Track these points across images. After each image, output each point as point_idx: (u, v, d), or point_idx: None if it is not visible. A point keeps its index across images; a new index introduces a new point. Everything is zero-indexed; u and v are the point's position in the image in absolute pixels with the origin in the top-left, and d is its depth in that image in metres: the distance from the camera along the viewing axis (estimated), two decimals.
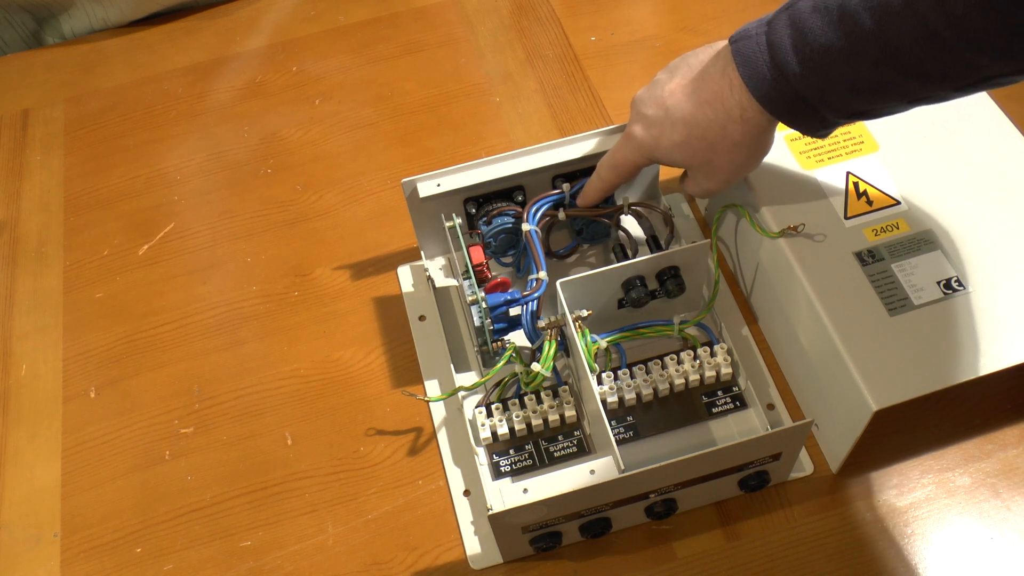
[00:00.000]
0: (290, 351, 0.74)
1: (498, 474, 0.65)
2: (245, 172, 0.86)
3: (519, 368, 0.66)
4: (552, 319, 0.63)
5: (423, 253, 0.74)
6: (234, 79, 0.94)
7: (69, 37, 1.00)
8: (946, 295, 0.62)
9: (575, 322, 0.63)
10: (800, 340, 0.65)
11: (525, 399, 0.66)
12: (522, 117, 0.88)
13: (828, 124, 0.57)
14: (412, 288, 0.76)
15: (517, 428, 0.65)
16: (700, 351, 0.67)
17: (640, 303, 0.67)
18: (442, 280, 0.75)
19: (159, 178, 0.86)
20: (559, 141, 0.70)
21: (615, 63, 0.92)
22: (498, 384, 0.68)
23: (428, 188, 0.69)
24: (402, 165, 0.85)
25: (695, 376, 0.67)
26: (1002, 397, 0.67)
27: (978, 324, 0.60)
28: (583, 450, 0.66)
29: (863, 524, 0.63)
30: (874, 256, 0.64)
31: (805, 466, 0.65)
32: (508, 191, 0.71)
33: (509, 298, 0.66)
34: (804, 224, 0.65)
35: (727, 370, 0.67)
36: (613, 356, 0.68)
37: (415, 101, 0.90)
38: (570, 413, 0.66)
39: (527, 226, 0.68)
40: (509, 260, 0.75)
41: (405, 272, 0.78)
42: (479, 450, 0.66)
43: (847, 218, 0.66)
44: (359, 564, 0.64)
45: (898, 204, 0.67)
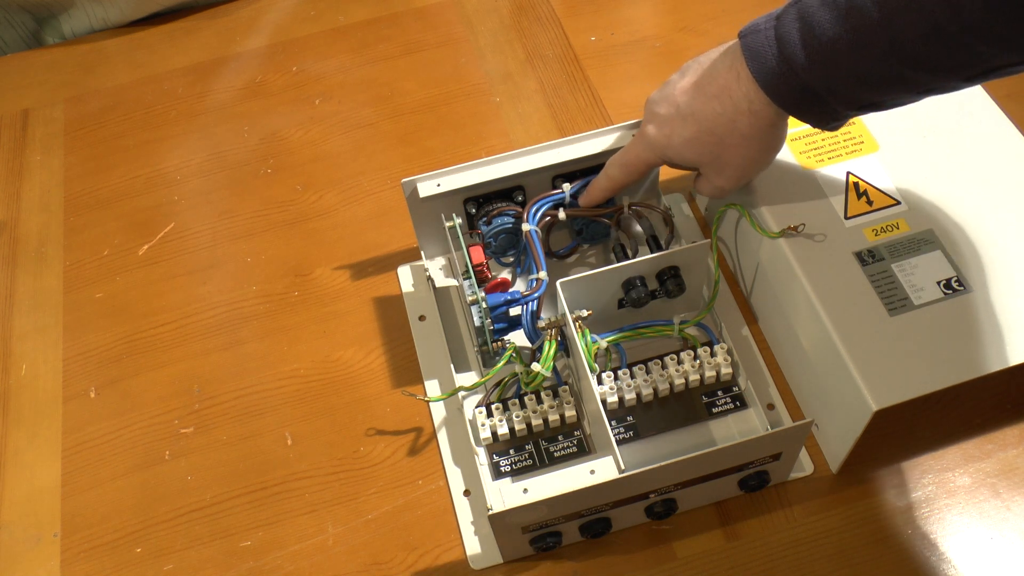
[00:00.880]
0: (290, 351, 0.74)
1: (498, 474, 0.65)
2: (245, 172, 0.86)
3: (519, 368, 0.66)
4: (552, 319, 0.63)
5: (423, 253, 0.74)
6: (234, 79, 0.94)
7: (69, 37, 1.00)
8: (946, 295, 0.62)
9: (575, 322, 0.63)
10: (800, 340, 0.65)
11: (525, 399, 0.66)
12: (522, 117, 0.88)
13: (838, 116, 0.57)
14: (412, 288, 0.76)
15: (517, 428, 0.65)
16: (700, 351, 0.67)
17: (640, 303, 0.67)
18: (442, 280, 0.75)
19: (159, 178, 0.86)
20: (559, 141, 0.70)
21: (615, 63, 0.92)
22: (498, 384, 0.68)
23: (428, 188, 0.69)
24: (402, 165, 0.85)
25: (695, 376, 0.67)
26: (1002, 397, 0.67)
27: (978, 324, 0.60)
28: (583, 450, 0.66)
29: (863, 524, 0.63)
30: (874, 256, 0.64)
31: (805, 466, 0.65)
32: (508, 191, 0.71)
33: (509, 298, 0.66)
34: (804, 224, 0.65)
35: (727, 370, 0.67)
36: (613, 356, 0.68)
37: (415, 101, 0.90)
38: (570, 413, 0.66)
39: (527, 226, 0.68)
40: (509, 260, 0.75)
41: (405, 272, 0.78)
42: (479, 450, 0.66)
43: (847, 218, 0.66)
44: (359, 564, 0.64)
45: (898, 204, 0.67)
